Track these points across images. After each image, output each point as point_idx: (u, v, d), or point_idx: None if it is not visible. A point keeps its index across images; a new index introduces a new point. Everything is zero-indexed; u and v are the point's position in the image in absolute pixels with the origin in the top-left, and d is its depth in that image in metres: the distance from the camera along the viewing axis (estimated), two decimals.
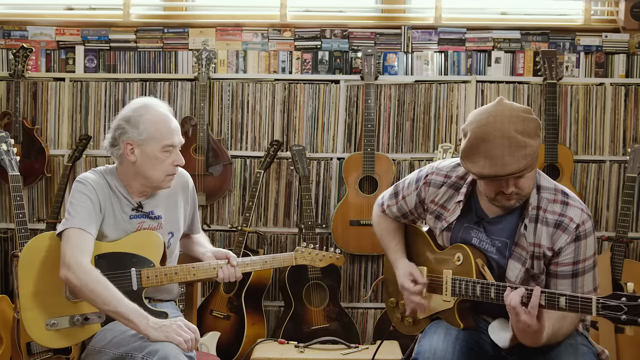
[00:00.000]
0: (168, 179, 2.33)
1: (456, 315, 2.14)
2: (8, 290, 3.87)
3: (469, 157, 1.98)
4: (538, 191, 2.07)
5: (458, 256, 2.14)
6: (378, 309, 3.93)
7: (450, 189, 2.21)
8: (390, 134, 3.94)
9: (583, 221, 2.04)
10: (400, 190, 2.37)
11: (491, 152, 1.92)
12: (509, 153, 1.90)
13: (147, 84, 3.97)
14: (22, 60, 3.87)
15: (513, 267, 2.08)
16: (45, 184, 3.98)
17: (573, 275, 2.05)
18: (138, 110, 2.30)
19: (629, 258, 3.76)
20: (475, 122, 1.98)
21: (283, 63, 4.00)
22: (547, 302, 1.88)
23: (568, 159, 3.74)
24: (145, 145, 2.27)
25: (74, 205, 2.22)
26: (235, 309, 3.68)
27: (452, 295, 2.14)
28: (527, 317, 1.88)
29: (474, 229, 2.17)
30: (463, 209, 2.17)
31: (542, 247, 2.05)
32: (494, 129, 1.92)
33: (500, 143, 1.91)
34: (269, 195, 3.96)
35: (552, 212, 2.05)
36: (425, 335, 2.16)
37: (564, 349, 2.03)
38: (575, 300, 1.83)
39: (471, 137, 1.97)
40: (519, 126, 1.92)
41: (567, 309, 1.84)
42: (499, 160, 1.91)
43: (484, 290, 2.04)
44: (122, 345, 2.12)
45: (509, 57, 3.97)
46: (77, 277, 2.10)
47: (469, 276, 2.10)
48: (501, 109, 1.96)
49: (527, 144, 1.91)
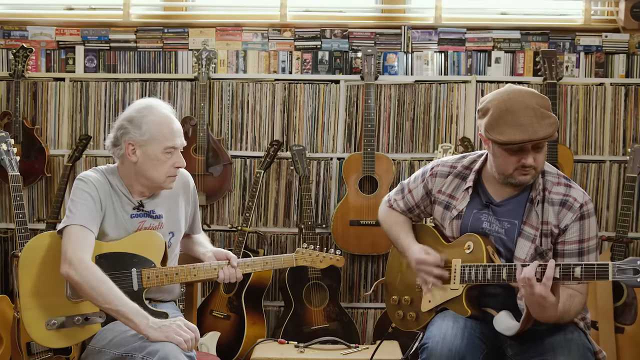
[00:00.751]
0: (169, 180, 2.33)
1: (464, 302, 2.15)
2: (8, 290, 3.87)
3: (495, 128, 2.06)
4: (543, 175, 2.17)
5: (468, 244, 2.19)
6: (378, 309, 3.93)
7: (457, 178, 2.29)
8: (390, 134, 3.94)
9: (586, 202, 2.14)
10: (406, 185, 2.45)
11: (519, 120, 2.02)
12: (537, 121, 2.02)
13: (147, 84, 3.97)
14: (22, 60, 3.87)
15: (523, 245, 2.14)
16: (45, 184, 3.98)
17: (579, 254, 2.12)
18: (141, 111, 2.30)
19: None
20: (496, 99, 2.09)
21: (283, 63, 4.00)
22: (562, 273, 1.92)
23: (568, 159, 3.74)
24: (147, 146, 2.27)
25: (75, 202, 2.22)
26: (235, 309, 3.68)
27: (460, 282, 2.16)
28: (542, 288, 1.91)
29: (484, 213, 2.22)
30: (471, 195, 2.24)
31: (549, 225, 2.13)
32: (517, 102, 2.05)
33: (525, 113, 2.03)
34: (269, 195, 3.96)
35: (556, 192, 2.15)
36: (434, 323, 2.18)
37: (560, 343, 2.05)
38: (591, 267, 1.89)
39: (495, 111, 2.07)
40: (538, 100, 2.07)
41: (583, 277, 1.90)
42: (530, 127, 2.01)
43: (494, 272, 2.08)
44: (122, 345, 2.12)
45: (509, 57, 3.97)
46: (79, 274, 2.10)
47: (479, 262, 2.13)
48: (517, 88, 2.11)
49: (550, 115, 2.05)
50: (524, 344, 2.11)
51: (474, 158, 2.30)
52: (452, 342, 2.04)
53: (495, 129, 2.06)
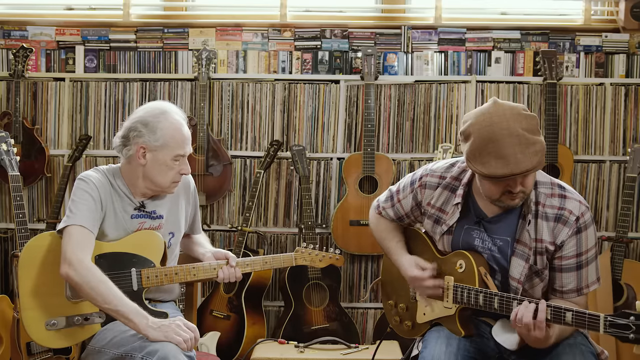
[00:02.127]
0: (173, 186, 2.35)
1: (457, 322, 2.12)
2: (8, 290, 3.88)
3: (477, 158, 1.94)
4: (535, 186, 2.07)
5: (460, 263, 2.12)
6: (378, 309, 3.93)
7: (446, 191, 2.20)
8: (390, 134, 3.94)
9: (582, 213, 2.04)
10: (395, 193, 2.36)
11: (502, 151, 1.89)
12: (521, 151, 1.88)
13: (147, 84, 3.97)
14: (22, 60, 3.87)
15: (517, 264, 2.08)
16: (45, 184, 3.98)
17: (577, 267, 2.06)
18: (157, 116, 2.30)
19: (629, 258, 3.76)
20: (477, 124, 1.94)
21: (283, 63, 4.00)
22: (553, 317, 1.88)
23: (568, 159, 3.74)
24: (159, 152, 2.28)
25: (75, 202, 2.22)
26: (235, 309, 3.68)
27: (453, 302, 2.12)
28: (538, 331, 1.89)
29: (475, 230, 2.15)
30: (462, 211, 2.16)
31: (544, 242, 2.05)
32: (500, 129, 1.90)
33: (509, 142, 1.88)
34: (269, 195, 3.96)
35: (551, 206, 2.05)
36: (427, 345, 2.14)
37: (564, 349, 2.03)
38: (582, 316, 1.81)
39: (477, 139, 1.93)
40: (523, 124, 1.91)
41: (574, 324, 1.83)
42: (512, 159, 1.88)
43: (487, 299, 2.03)
44: (122, 345, 2.12)
45: (509, 57, 3.97)
46: (78, 274, 2.10)
47: (471, 284, 2.08)
48: (501, 109, 1.94)
49: (536, 141, 1.90)
50: (525, 350, 2.07)
51: (463, 167, 2.19)
52: None
53: (477, 159, 1.93)
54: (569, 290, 2.08)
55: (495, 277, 2.13)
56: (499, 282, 2.13)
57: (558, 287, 2.10)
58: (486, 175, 1.94)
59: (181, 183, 2.44)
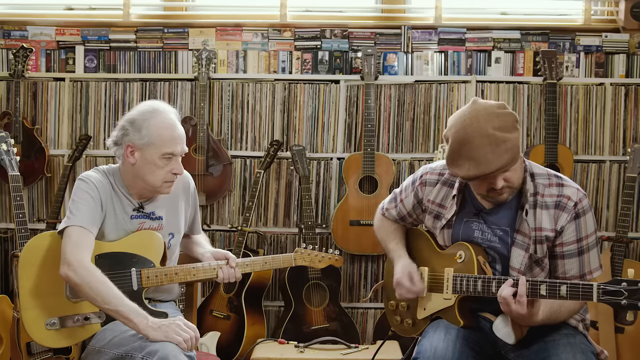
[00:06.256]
0: (166, 186, 2.32)
1: (456, 312, 2.14)
2: (8, 290, 3.88)
3: (453, 162, 2.01)
4: (532, 178, 2.12)
5: (460, 254, 2.16)
6: (378, 309, 3.93)
7: (445, 186, 2.26)
8: (390, 134, 3.94)
9: (580, 199, 2.08)
10: (398, 194, 2.42)
11: (473, 153, 1.95)
12: (491, 151, 1.94)
13: (147, 84, 3.97)
14: (22, 60, 3.87)
15: (517, 254, 2.11)
16: (45, 184, 3.98)
17: (579, 253, 2.09)
18: (145, 114, 2.29)
19: (629, 258, 3.76)
20: (453, 127, 2.01)
21: (283, 63, 4.00)
22: (549, 292, 1.92)
23: (568, 159, 3.74)
24: (145, 150, 2.27)
25: (76, 203, 2.22)
26: (235, 309, 3.68)
27: (452, 292, 2.15)
28: (518, 306, 1.93)
29: (474, 222, 2.19)
30: (460, 204, 2.21)
31: (543, 231, 2.08)
32: (472, 130, 1.95)
33: (479, 143, 1.94)
34: (269, 195, 3.96)
35: (550, 195, 2.10)
36: (426, 335, 2.17)
37: (564, 348, 2.04)
38: (576, 287, 1.86)
39: (452, 142, 2.00)
40: (495, 123, 1.95)
41: (568, 296, 1.88)
42: (483, 160, 1.94)
43: (485, 284, 2.06)
44: (122, 345, 2.12)
45: (509, 57, 3.97)
46: (78, 275, 2.10)
47: (470, 273, 2.11)
48: (476, 109, 2.00)
49: (506, 139, 1.95)
50: (525, 348, 2.10)
51: None
52: (442, 357, 2.03)
53: (453, 162, 2.01)
54: (571, 276, 2.10)
55: (495, 267, 2.17)
56: (500, 272, 2.16)
57: (561, 275, 2.12)
58: (463, 177, 2.02)
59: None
